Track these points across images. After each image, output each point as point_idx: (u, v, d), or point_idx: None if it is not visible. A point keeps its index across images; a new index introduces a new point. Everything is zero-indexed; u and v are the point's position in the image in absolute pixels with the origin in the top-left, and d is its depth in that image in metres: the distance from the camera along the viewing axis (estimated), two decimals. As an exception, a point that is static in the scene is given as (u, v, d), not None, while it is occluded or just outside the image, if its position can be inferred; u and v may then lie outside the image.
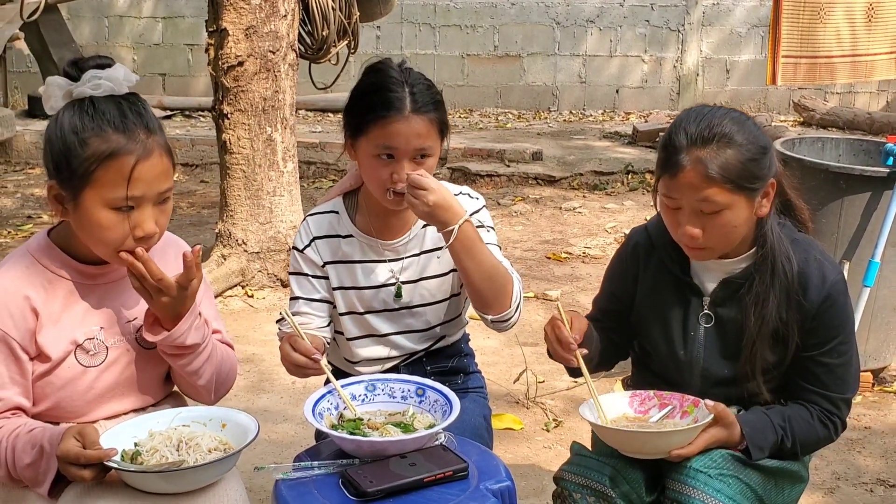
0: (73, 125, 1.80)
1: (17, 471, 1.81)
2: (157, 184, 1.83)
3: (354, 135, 2.22)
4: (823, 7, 5.06)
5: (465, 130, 8.89)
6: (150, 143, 1.81)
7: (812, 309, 2.10)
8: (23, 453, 1.80)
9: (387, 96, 2.14)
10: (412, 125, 2.14)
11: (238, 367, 2.21)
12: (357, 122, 2.20)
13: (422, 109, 2.15)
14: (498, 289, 2.17)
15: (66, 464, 1.73)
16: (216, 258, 4.96)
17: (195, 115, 9.58)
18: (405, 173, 2.13)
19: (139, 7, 10.37)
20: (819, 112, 9.13)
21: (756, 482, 2.08)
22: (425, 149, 2.17)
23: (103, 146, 1.78)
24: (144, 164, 1.80)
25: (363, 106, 2.18)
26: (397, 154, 2.14)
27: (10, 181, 7.64)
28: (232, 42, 4.74)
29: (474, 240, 2.13)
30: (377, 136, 2.15)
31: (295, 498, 1.82)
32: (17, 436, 1.82)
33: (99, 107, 1.80)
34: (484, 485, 1.85)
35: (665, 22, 10.09)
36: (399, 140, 2.13)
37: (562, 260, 5.66)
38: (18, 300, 1.85)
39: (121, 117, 1.80)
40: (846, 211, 3.70)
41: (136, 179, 1.79)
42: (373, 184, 2.21)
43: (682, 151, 2.02)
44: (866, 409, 3.74)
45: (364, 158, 2.20)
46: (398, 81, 2.16)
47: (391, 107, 2.13)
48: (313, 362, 2.06)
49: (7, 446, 1.82)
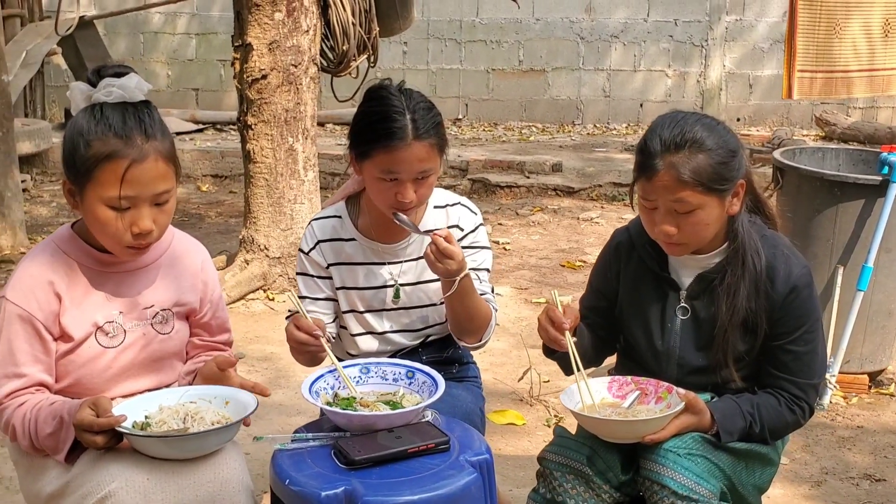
0: (81, 128, 1.99)
1: (39, 440, 2.00)
2: (151, 186, 1.99)
3: (359, 158, 2.36)
4: (839, 21, 5.14)
5: (487, 143, 9.06)
6: (147, 148, 1.98)
7: (779, 299, 2.24)
8: (44, 424, 1.99)
9: (389, 126, 2.28)
10: (414, 152, 2.28)
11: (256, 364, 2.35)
12: (362, 149, 2.34)
13: (423, 136, 2.28)
14: (476, 327, 2.40)
15: (81, 431, 1.92)
16: (239, 263, 5.17)
17: (226, 128, 9.84)
18: (410, 194, 2.29)
19: (174, 23, 10.68)
20: (840, 126, 9.19)
21: (725, 463, 2.21)
22: (427, 171, 2.32)
23: (102, 149, 1.96)
24: (138, 168, 1.96)
25: (368, 134, 2.32)
26: (400, 178, 2.30)
27: (46, 191, 7.92)
28: (256, 56, 4.96)
29: (468, 289, 2.32)
30: (381, 162, 2.29)
31: (290, 465, 1.99)
32: (40, 409, 2.01)
33: (105, 113, 1.99)
34: (463, 457, 2.01)
35: (689, 37, 10.21)
36: (403, 166, 2.28)
37: (576, 268, 5.80)
38: (43, 285, 2.04)
39: (122, 123, 1.97)
40: (841, 217, 3.82)
41: (128, 181, 1.96)
42: (378, 201, 2.37)
43: (657, 157, 2.18)
44: (861, 409, 3.84)
45: (370, 180, 2.35)
46: (400, 110, 2.29)
47: (394, 136, 2.27)
48: (314, 339, 2.21)
49: (31, 418, 2.01)
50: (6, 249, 5.97)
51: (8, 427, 2.04)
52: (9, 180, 6.05)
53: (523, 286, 5.47)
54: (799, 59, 5.06)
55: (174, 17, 10.66)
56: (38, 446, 2.02)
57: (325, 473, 1.95)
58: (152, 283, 2.16)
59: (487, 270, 2.51)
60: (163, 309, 2.17)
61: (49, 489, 2.02)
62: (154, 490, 1.90)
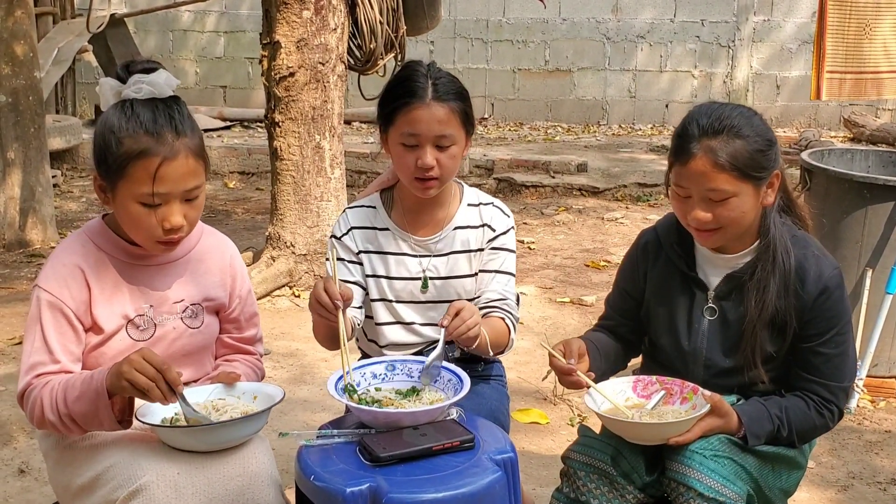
0: (112, 125, 2.00)
1: (68, 405, 1.95)
2: (182, 182, 2.01)
3: (385, 126, 2.42)
4: (869, 22, 5.10)
5: (513, 143, 9.06)
6: (178, 145, 1.99)
7: (810, 300, 2.22)
8: (72, 388, 1.95)
9: (410, 86, 2.36)
10: (433, 111, 2.34)
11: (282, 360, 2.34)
12: (386, 113, 2.41)
13: (442, 97, 2.35)
14: (497, 350, 2.42)
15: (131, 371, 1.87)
16: (266, 260, 5.20)
17: (253, 125, 9.90)
18: (429, 158, 2.33)
19: (203, 22, 10.76)
20: (869, 128, 9.12)
21: (752, 465, 2.19)
22: (446, 136, 2.36)
23: (134, 146, 1.97)
24: (170, 165, 1.98)
25: (390, 98, 2.40)
26: (420, 140, 2.34)
27: (76, 186, 8.01)
28: (284, 54, 4.99)
29: (485, 341, 2.30)
30: (402, 124, 2.35)
31: (316, 462, 1.99)
32: (68, 379, 1.98)
33: (136, 110, 2.00)
34: (488, 455, 2.01)
35: (715, 38, 10.16)
36: (421, 126, 2.33)
37: (600, 268, 5.79)
38: (75, 274, 2.06)
39: (152, 121, 1.99)
40: (870, 220, 3.78)
41: (161, 178, 1.98)
42: (402, 172, 2.41)
43: (694, 140, 2.16)
44: (889, 413, 3.81)
45: (394, 148, 2.40)
46: (422, 74, 2.38)
47: (413, 95, 2.34)
48: (334, 307, 2.16)
49: (58, 388, 1.97)
50: (37, 244, 6.05)
51: (35, 405, 1.99)
52: (40, 175, 6.12)
53: (548, 286, 5.46)
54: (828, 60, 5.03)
55: (203, 15, 10.73)
56: (65, 413, 1.95)
57: (350, 470, 1.95)
58: (182, 278, 2.18)
59: (512, 275, 2.51)
60: (192, 303, 2.18)
61: (79, 481, 2.02)
62: (185, 484, 1.91)
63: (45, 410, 1.98)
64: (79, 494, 2.04)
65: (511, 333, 2.44)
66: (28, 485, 3.21)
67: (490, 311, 2.44)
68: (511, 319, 2.46)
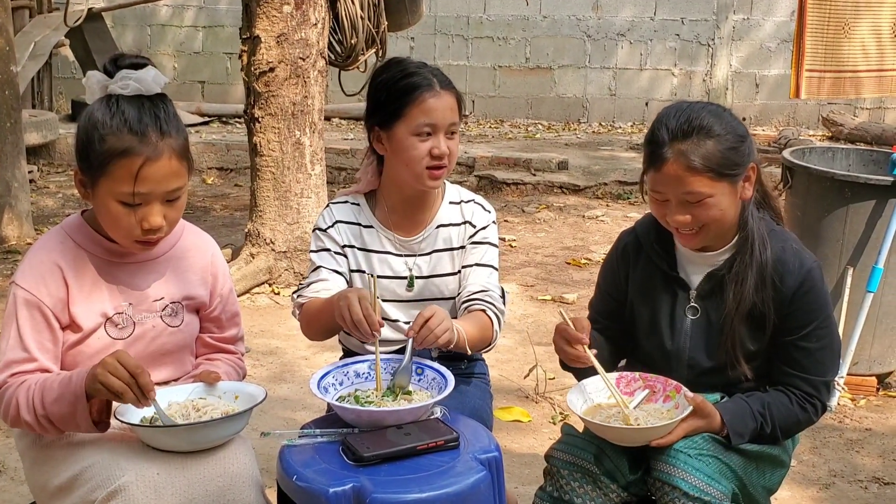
0: (96, 120, 1.96)
1: (45, 406, 1.91)
2: (164, 183, 1.97)
3: (389, 123, 2.37)
4: (848, 21, 5.11)
5: (494, 140, 9.05)
6: (161, 146, 1.95)
7: (789, 294, 2.21)
8: (50, 390, 1.92)
9: (416, 79, 2.35)
10: (445, 100, 2.36)
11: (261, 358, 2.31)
12: (393, 109, 2.36)
13: (448, 85, 2.37)
14: (482, 346, 2.40)
15: (105, 374, 1.85)
16: (245, 257, 5.16)
17: (232, 121, 9.83)
18: (444, 145, 2.34)
19: (181, 16, 10.67)
20: (848, 127, 9.17)
21: (736, 464, 2.19)
22: (455, 124, 2.39)
23: (117, 144, 1.94)
24: (153, 165, 1.94)
25: (395, 92, 2.36)
26: (435, 129, 2.34)
27: (53, 182, 7.92)
28: (264, 49, 4.95)
29: (462, 340, 2.27)
30: (416, 115, 2.33)
31: (298, 461, 1.97)
32: (45, 379, 1.95)
33: (121, 106, 1.96)
34: (472, 454, 2.00)
35: (695, 36, 10.19)
36: (437, 115, 2.34)
37: (581, 266, 5.79)
38: (53, 272, 2.02)
39: (137, 119, 1.95)
40: (851, 218, 3.80)
41: (142, 178, 1.94)
42: (412, 165, 2.36)
43: (665, 146, 2.15)
44: (869, 412, 3.83)
45: (403, 141, 2.36)
46: (418, 65, 2.39)
47: (423, 86, 2.34)
48: (371, 334, 2.13)
49: (35, 389, 1.94)
50: (12, 240, 5.97)
51: (10, 405, 1.95)
52: (16, 171, 6.04)
53: (529, 283, 5.45)
54: (807, 59, 5.04)
55: (181, 9, 10.65)
56: (41, 415, 1.92)
57: (333, 470, 1.93)
58: (162, 276, 2.14)
59: (495, 268, 2.49)
60: (172, 301, 2.15)
61: (57, 481, 1.99)
62: (165, 484, 1.88)
63: (20, 410, 1.95)
64: (56, 495, 2.00)
65: (495, 325, 2.41)
66: (4, 485, 3.16)
67: (471, 303, 2.42)
68: (494, 311, 2.42)
